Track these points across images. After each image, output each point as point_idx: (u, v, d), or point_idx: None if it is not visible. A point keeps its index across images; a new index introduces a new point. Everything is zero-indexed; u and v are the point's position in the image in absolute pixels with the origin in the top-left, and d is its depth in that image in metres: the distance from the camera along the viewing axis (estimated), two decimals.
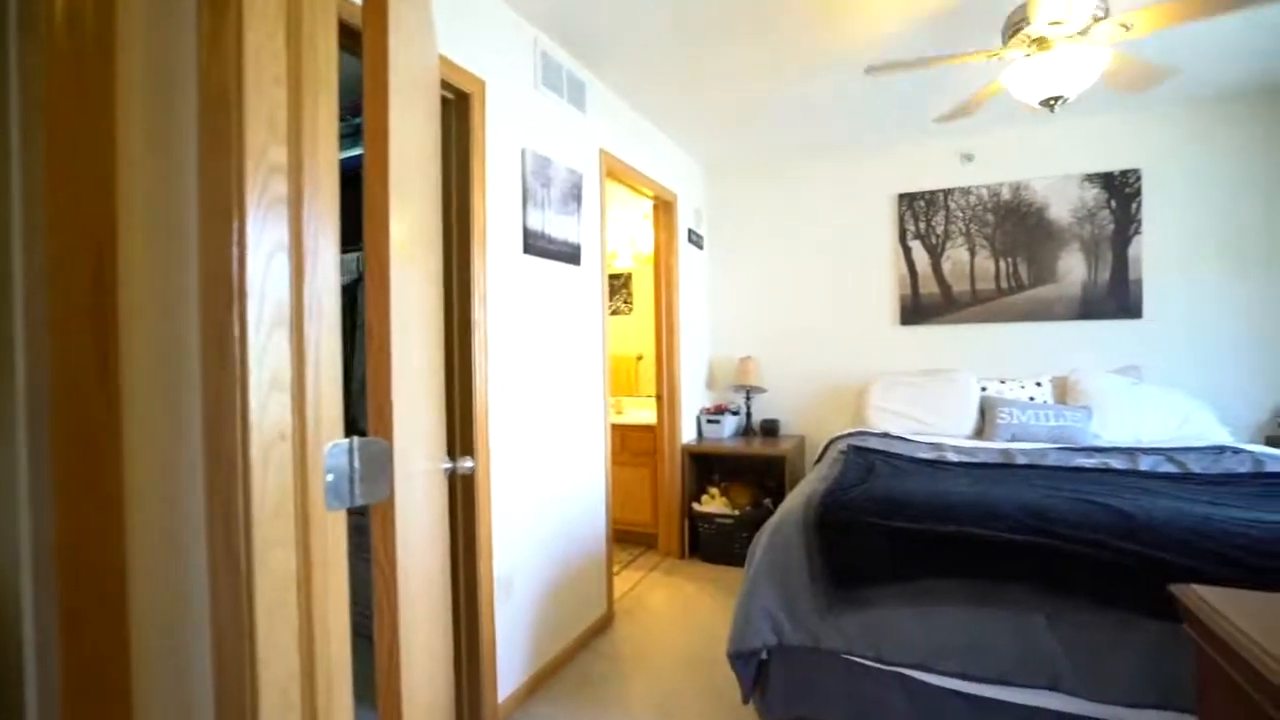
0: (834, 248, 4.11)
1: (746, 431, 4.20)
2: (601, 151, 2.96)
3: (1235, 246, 3.31)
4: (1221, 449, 2.80)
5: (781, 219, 4.25)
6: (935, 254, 3.83)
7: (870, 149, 3.97)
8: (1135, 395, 3.22)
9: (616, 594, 3.26)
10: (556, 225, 2.58)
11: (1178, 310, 3.40)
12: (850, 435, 3.40)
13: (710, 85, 3.08)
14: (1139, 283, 3.44)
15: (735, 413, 4.19)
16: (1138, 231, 3.43)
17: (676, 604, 3.21)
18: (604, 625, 2.93)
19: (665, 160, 3.75)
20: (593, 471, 2.91)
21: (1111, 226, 3.48)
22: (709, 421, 4.07)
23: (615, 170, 3.12)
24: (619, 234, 4.64)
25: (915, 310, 3.88)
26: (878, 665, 1.85)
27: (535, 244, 2.44)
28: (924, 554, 1.82)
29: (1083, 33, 2.03)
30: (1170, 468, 2.60)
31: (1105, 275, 3.49)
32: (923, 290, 3.86)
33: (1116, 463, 2.70)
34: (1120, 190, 3.46)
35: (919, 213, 3.86)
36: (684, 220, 3.99)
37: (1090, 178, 3.51)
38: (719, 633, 2.76)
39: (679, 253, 3.89)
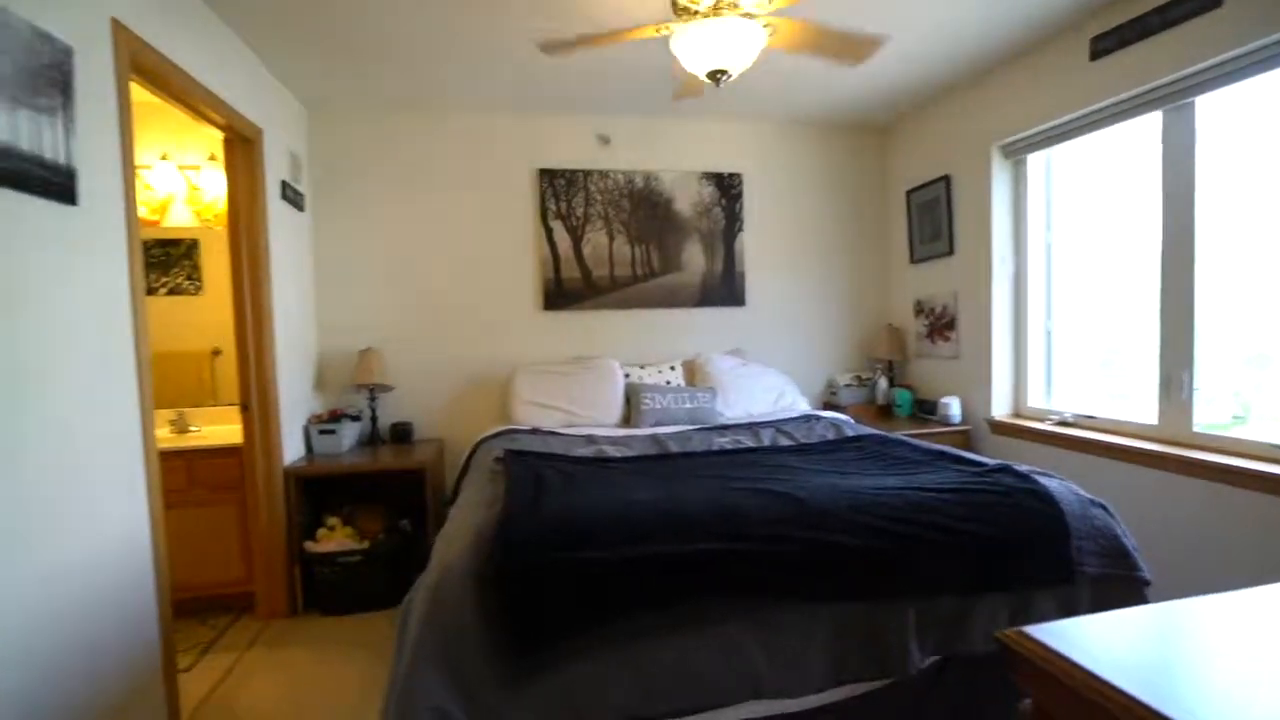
0: (472, 222, 3.62)
1: (373, 440, 3.42)
2: (115, 24, 1.86)
3: (801, 247, 3.99)
4: (808, 417, 3.28)
5: (409, 183, 3.55)
6: (576, 236, 3.68)
7: (511, 115, 3.59)
8: (744, 375, 3.60)
9: (192, 701, 2.22)
10: (14, 125, 1.47)
11: (768, 299, 3.94)
12: (498, 435, 3.00)
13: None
14: (743, 275, 3.87)
15: (356, 418, 3.37)
16: (741, 229, 3.85)
17: (287, 690, 2.32)
18: None
19: (246, 81, 2.69)
20: (126, 529, 1.84)
21: (723, 223, 3.83)
22: (322, 433, 3.16)
23: (151, 67, 2.03)
24: (169, 177, 3.28)
25: (559, 295, 3.68)
26: None
27: None
28: (623, 587, 1.50)
29: (734, 5, 1.97)
30: (784, 440, 2.91)
31: (719, 266, 3.84)
32: (565, 274, 3.68)
33: (746, 439, 2.90)
34: (729, 190, 3.82)
35: (560, 192, 3.65)
36: (274, 168, 2.98)
37: (706, 176, 3.79)
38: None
39: (268, 212, 2.87)
